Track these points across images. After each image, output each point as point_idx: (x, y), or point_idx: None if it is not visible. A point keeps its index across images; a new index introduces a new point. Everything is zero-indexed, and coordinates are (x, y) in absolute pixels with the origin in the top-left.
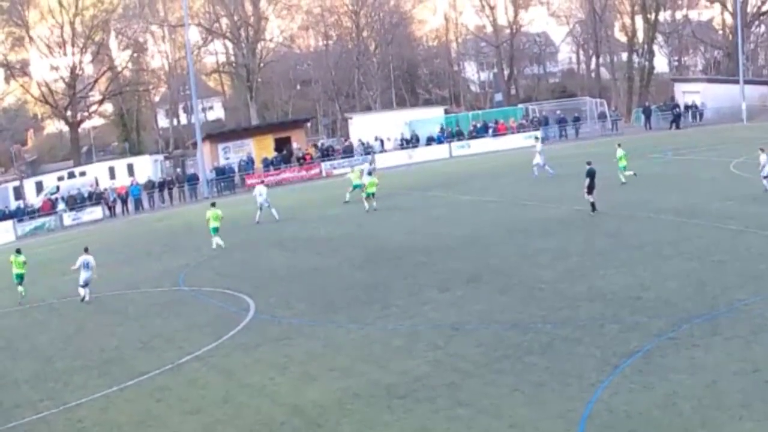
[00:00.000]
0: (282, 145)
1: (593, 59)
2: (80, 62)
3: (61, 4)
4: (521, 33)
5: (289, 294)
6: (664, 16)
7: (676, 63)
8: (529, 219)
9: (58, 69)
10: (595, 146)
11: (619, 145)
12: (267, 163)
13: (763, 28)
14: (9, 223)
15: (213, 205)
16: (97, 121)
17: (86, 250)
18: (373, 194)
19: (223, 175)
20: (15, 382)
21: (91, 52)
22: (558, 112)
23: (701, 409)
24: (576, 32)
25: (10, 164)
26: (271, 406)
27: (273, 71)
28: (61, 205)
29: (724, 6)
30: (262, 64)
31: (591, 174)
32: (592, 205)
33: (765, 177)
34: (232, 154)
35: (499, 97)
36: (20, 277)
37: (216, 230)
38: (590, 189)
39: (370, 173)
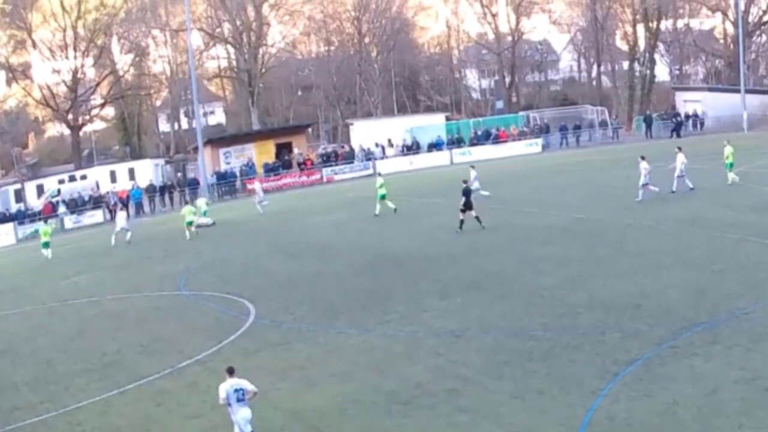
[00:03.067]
0: (283, 150)
1: (594, 67)
2: (82, 66)
3: (63, 8)
4: (523, 41)
5: (290, 299)
6: (665, 24)
7: (677, 72)
8: (530, 226)
9: (60, 72)
10: (596, 154)
11: (379, 172)
12: (268, 169)
13: (764, 37)
14: (10, 225)
15: (45, 222)
16: (98, 124)
17: None
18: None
19: (224, 179)
20: (15, 385)
21: (93, 55)
22: (591, 116)
23: (701, 417)
24: (577, 40)
25: (11, 167)
26: (272, 411)
27: (274, 76)
28: (62, 209)
29: (725, 15)
30: (263, 70)
31: (466, 193)
32: (461, 222)
33: (679, 176)
34: (233, 159)
35: (500, 104)
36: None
37: (46, 245)
38: (465, 206)
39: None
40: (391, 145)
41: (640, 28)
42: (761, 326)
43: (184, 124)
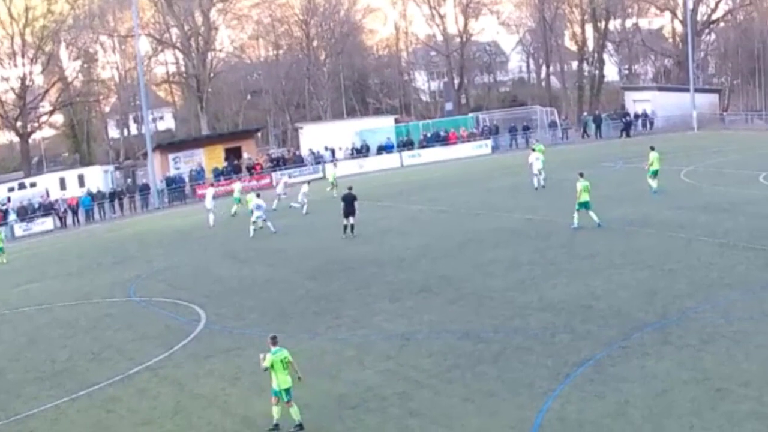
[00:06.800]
0: (232, 155)
1: (543, 68)
2: (30, 73)
3: (11, 15)
4: (471, 42)
5: (241, 305)
6: (614, 24)
7: (626, 71)
8: (481, 229)
9: (8, 80)
10: (546, 155)
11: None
12: (217, 173)
13: (713, 36)
14: None
15: None
16: (47, 131)
17: None
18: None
19: (173, 185)
20: None
21: (42, 62)
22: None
23: (652, 417)
24: (526, 41)
25: None
26: (222, 417)
27: (223, 81)
28: (12, 216)
29: (674, 14)
30: (212, 75)
31: (345, 199)
32: (344, 227)
33: (536, 174)
34: (182, 165)
35: (449, 106)
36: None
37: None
38: (346, 213)
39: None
40: (339, 149)
41: (589, 29)
42: (711, 326)
43: (134, 130)
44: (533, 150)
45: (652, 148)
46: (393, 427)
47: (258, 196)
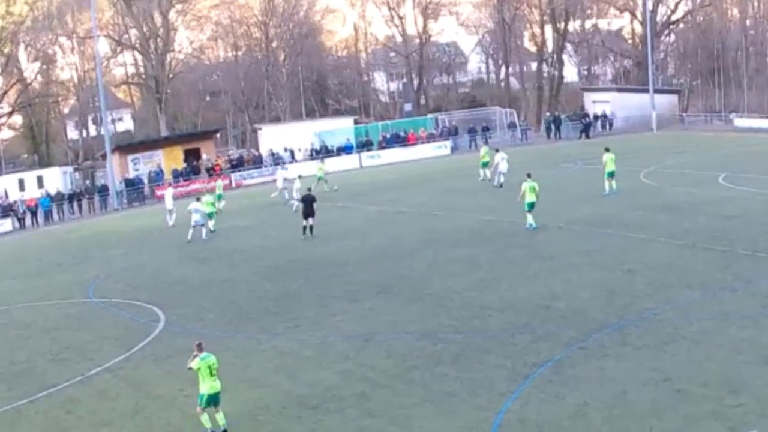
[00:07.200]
0: (191, 156)
1: (503, 69)
2: None
3: None
4: (431, 43)
5: (200, 305)
6: (573, 25)
7: (585, 72)
8: (440, 229)
9: None
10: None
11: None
12: (176, 174)
13: (672, 37)
14: None
15: None
16: (6, 133)
17: None
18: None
19: (132, 186)
20: None
21: (0, 64)
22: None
23: (611, 418)
24: (485, 42)
25: None
26: (181, 418)
27: (182, 82)
28: None
29: (633, 15)
30: (171, 76)
31: (305, 200)
32: (304, 228)
33: (501, 173)
34: (141, 166)
35: (408, 107)
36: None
37: None
38: (305, 214)
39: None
40: (299, 150)
41: (548, 29)
42: (670, 327)
43: (93, 131)
44: (497, 150)
45: (607, 150)
46: (352, 427)
47: (198, 200)
